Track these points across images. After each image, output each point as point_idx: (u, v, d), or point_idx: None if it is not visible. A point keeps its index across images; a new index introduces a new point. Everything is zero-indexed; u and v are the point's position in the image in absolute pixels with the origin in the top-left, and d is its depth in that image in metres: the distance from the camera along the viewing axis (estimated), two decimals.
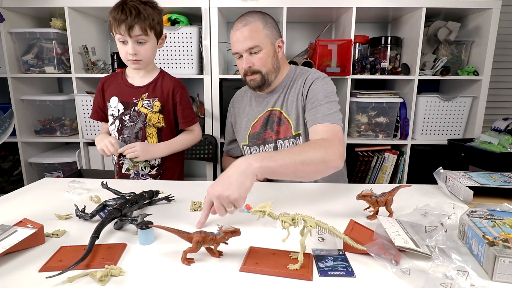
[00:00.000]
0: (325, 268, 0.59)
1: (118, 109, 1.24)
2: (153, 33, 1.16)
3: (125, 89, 1.25)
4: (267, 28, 1.15)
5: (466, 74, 1.85)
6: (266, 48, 1.14)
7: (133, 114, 1.23)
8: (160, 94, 1.24)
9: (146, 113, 1.23)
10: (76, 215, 0.78)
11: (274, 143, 1.22)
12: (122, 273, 0.57)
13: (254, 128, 1.26)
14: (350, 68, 1.79)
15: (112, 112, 1.25)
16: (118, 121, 1.24)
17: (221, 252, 0.63)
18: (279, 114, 1.21)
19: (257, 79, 1.17)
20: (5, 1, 1.76)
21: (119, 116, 1.24)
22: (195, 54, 1.82)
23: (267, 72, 1.17)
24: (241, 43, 1.13)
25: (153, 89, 1.24)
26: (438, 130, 1.92)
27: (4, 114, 1.36)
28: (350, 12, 1.73)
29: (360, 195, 0.79)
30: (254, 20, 1.14)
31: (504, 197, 0.92)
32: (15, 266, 0.60)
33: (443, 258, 0.58)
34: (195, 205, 0.86)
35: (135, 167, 1.26)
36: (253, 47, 1.13)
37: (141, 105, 1.23)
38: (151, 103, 1.23)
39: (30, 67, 1.89)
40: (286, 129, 1.20)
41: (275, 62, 1.18)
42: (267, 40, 1.14)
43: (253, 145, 1.26)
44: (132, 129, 1.23)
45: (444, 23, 1.83)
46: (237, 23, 1.15)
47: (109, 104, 1.26)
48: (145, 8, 1.13)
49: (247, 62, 1.15)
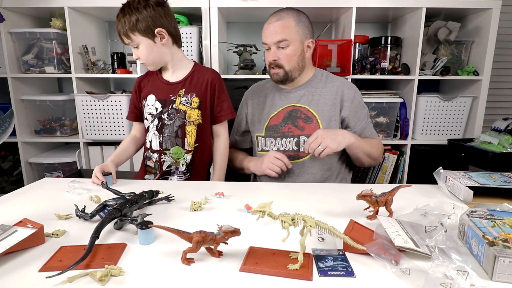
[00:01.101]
0: (325, 268, 0.59)
1: (156, 108, 1.22)
2: (139, 34, 1.11)
3: (161, 86, 1.23)
4: (299, 26, 1.17)
5: (466, 74, 1.85)
6: (294, 45, 1.16)
7: (171, 111, 1.21)
8: (198, 89, 1.21)
9: (185, 110, 1.20)
10: (76, 215, 0.78)
11: (297, 138, 1.22)
12: (122, 273, 0.57)
13: (273, 121, 1.26)
14: (350, 68, 1.79)
15: (150, 111, 1.23)
16: (157, 120, 1.22)
17: (221, 252, 0.63)
18: (306, 111, 1.23)
19: (280, 74, 1.20)
20: (5, 1, 1.76)
21: (157, 114, 1.22)
22: (195, 54, 1.82)
23: (291, 69, 1.19)
24: (271, 36, 1.16)
25: (190, 84, 1.22)
26: (438, 130, 1.92)
27: (4, 114, 1.36)
28: (350, 12, 1.73)
29: (360, 195, 0.79)
30: (287, 16, 1.16)
31: (504, 197, 0.92)
32: (15, 266, 0.60)
33: (443, 258, 0.58)
34: (195, 205, 0.85)
35: (177, 163, 1.24)
36: (282, 41, 1.15)
37: (179, 102, 1.20)
38: (189, 99, 1.20)
39: (30, 67, 1.89)
40: (313, 127, 1.21)
41: (301, 60, 1.20)
42: (296, 38, 1.16)
43: (270, 137, 1.26)
44: (171, 127, 1.21)
45: (444, 23, 1.83)
46: (271, 17, 1.18)
47: (146, 103, 1.24)
48: (124, 13, 1.10)
49: (273, 55, 1.18)
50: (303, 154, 1.22)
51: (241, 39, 2.17)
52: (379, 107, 1.87)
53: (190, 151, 1.23)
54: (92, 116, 1.86)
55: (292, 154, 1.23)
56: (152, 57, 1.16)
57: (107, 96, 1.83)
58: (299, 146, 1.23)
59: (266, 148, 1.27)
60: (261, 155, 1.28)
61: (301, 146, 1.22)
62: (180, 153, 1.23)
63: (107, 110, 1.85)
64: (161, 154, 1.24)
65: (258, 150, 1.30)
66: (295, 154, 1.23)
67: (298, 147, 1.23)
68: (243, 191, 1.01)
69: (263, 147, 1.28)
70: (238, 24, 2.18)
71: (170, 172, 1.25)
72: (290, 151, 1.24)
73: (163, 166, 1.25)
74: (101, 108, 1.85)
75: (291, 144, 1.24)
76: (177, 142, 1.22)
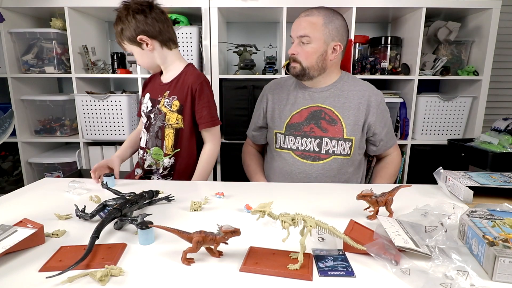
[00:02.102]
0: (325, 268, 0.59)
1: (147, 106, 1.26)
2: (127, 42, 1.17)
3: (156, 86, 1.27)
4: (328, 26, 1.14)
5: (466, 74, 1.85)
6: (316, 43, 1.15)
7: (156, 112, 1.23)
8: (180, 92, 1.20)
9: (165, 112, 1.21)
10: (76, 215, 0.78)
11: (319, 140, 1.20)
12: (122, 273, 0.57)
13: (295, 119, 1.23)
14: (350, 68, 1.79)
15: (143, 109, 1.28)
16: (146, 118, 1.25)
17: (221, 252, 0.63)
18: (330, 113, 1.21)
19: (296, 68, 1.19)
20: (5, 1, 1.76)
21: (147, 113, 1.25)
22: (195, 54, 1.82)
23: (308, 66, 1.17)
24: (296, 29, 1.16)
25: (175, 87, 1.22)
26: (438, 130, 1.92)
27: (4, 114, 1.36)
28: (350, 12, 1.73)
29: (360, 195, 0.79)
30: (317, 14, 1.15)
31: (504, 197, 0.92)
32: (15, 266, 0.60)
33: (443, 258, 0.58)
34: (195, 205, 0.85)
35: (157, 163, 1.25)
36: (304, 36, 1.14)
37: (162, 103, 1.21)
38: (170, 101, 1.20)
39: (30, 67, 1.89)
40: (338, 129, 1.19)
41: (320, 61, 1.17)
42: (320, 37, 1.14)
43: (290, 135, 1.23)
44: (154, 127, 1.23)
45: (444, 23, 1.83)
46: (304, 12, 1.18)
47: (143, 99, 1.30)
48: (115, 23, 1.16)
49: (293, 49, 1.18)
50: (324, 156, 1.20)
51: (241, 39, 2.17)
52: None
53: (168, 154, 1.23)
54: (92, 116, 1.86)
55: (312, 155, 1.20)
56: (144, 62, 1.22)
57: (107, 96, 1.83)
58: (321, 147, 1.19)
59: (284, 146, 1.24)
60: (278, 152, 1.25)
61: (323, 148, 1.19)
62: (160, 154, 1.24)
63: (107, 110, 1.85)
64: (144, 152, 1.27)
65: (276, 147, 1.26)
66: (315, 155, 1.20)
67: (320, 148, 1.20)
68: (243, 191, 1.01)
69: (281, 144, 1.25)
70: (238, 24, 2.18)
71: (151, 171, 1.27)
72: (311, 151, 1.21)
73: (145, 164, 1.27)
74: (101, 108, 1.85)
75: (312, 145, 1.20)
76: (157, 143, 1.24)
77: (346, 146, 1.19)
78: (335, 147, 1.19)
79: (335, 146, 1.19)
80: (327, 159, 1.20)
